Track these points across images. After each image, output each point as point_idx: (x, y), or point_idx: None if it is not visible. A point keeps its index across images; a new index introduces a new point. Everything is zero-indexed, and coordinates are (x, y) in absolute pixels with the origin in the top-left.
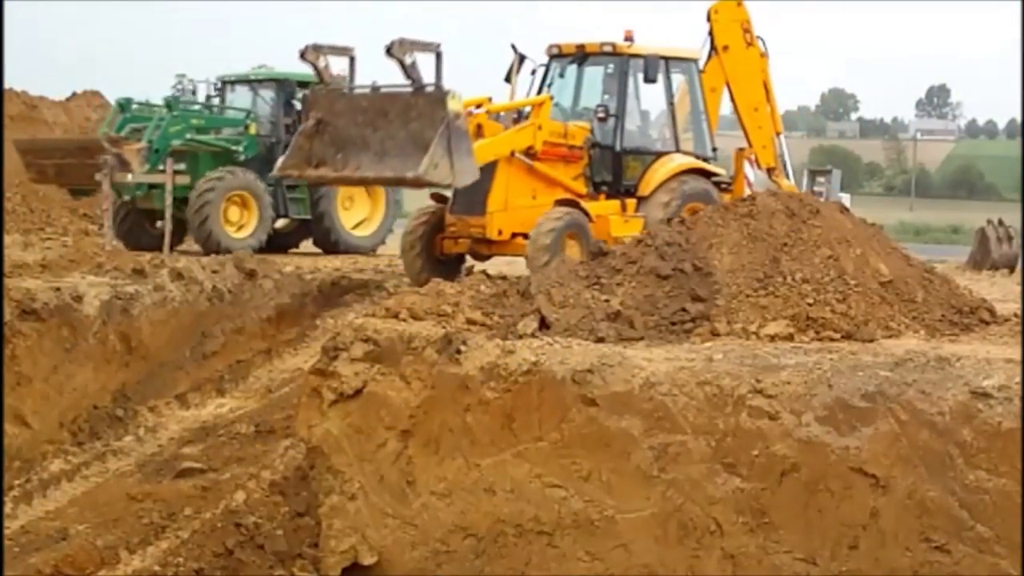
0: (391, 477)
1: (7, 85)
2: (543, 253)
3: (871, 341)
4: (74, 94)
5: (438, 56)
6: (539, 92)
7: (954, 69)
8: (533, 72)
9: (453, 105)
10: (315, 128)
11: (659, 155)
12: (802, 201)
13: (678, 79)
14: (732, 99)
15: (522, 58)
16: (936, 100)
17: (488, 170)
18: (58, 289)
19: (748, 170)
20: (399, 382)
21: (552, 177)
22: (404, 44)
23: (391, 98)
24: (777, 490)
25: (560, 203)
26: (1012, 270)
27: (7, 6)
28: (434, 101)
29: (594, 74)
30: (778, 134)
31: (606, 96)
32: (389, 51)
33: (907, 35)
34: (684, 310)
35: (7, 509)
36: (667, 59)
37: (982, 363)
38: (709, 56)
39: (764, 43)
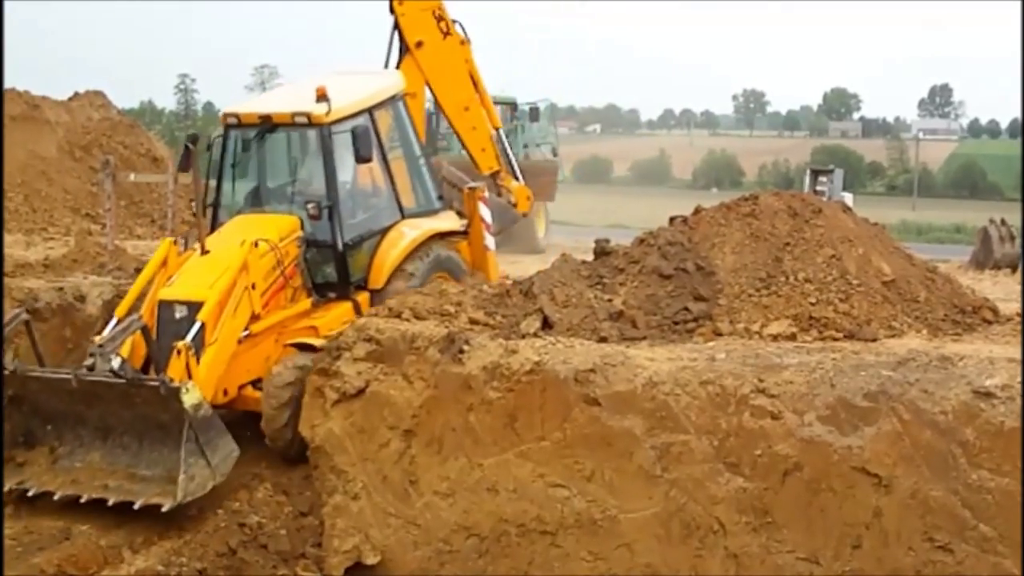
0: (394, 477)
1: (8, 85)
2: (281, 416)
3: (873, 340)
4: (76, 94)
5: (27, 325)
6: (219, 170)
7: (956, 68)
8: (209, 147)
9: (191, 399)
10: (10, 406)
11: (385, 231)
12: (804, 201)
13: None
14: (436, 101)
15: (194, 139)
16: (939, 99)
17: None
18: (61, 289)
19: (483, 211)
20: (402, 382)
21: (275, 321)
22: (104, 350)
23: (103, 385)
24: (780, 490)
25: (296, 347)
26: (1014, 269)
27: (7, 6)
28: (162, 396)
29: (287, 147)
30: (496, 130)
31: (309, 177)
32: (91, 369)
33: (909, 34)
34: (687, 309)
35: (9, 510)
36: (372, 111)
37: (985, 363)
38: (401, 56)
39: (463, 27)
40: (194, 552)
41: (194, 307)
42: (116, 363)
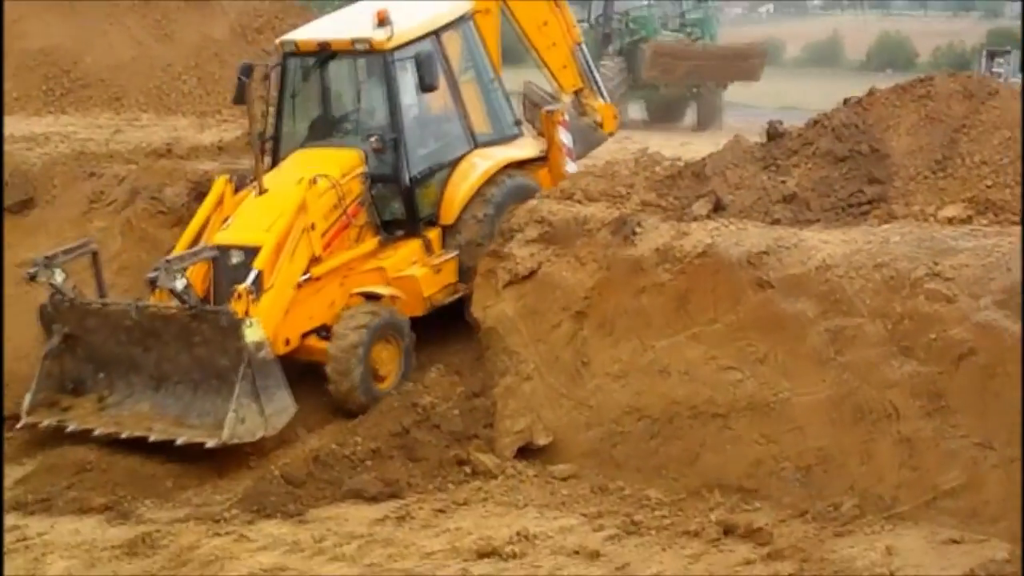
0: (565, 358)
1: None
2: (349, 373)
3: None
4: None
5: (94, 256)
6: (279, 102)
7: None
8: (266, 77)
9: (252, 335)
10: (63, 345)
11: (455, 163)
12: (980, 82)
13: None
14: (512, 19)
15: (249, 69)
16: None
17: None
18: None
19: (563, 135)
20: (573, 264)
21: (338, 264)
22: (171, 267)
23: (163, 318)
24: (954, 374)
25: (362, 296)
26: None
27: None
28: (224, 329)
29: (348, 76)
30: (577, 44)
31: (371, 107)
32: (154, 283)
33: None
34: (860, 192)
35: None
36: (439, 35)
37: None
38: None
39: None
40: (368, 431)
41: (250, 252)
42: (181, 284)
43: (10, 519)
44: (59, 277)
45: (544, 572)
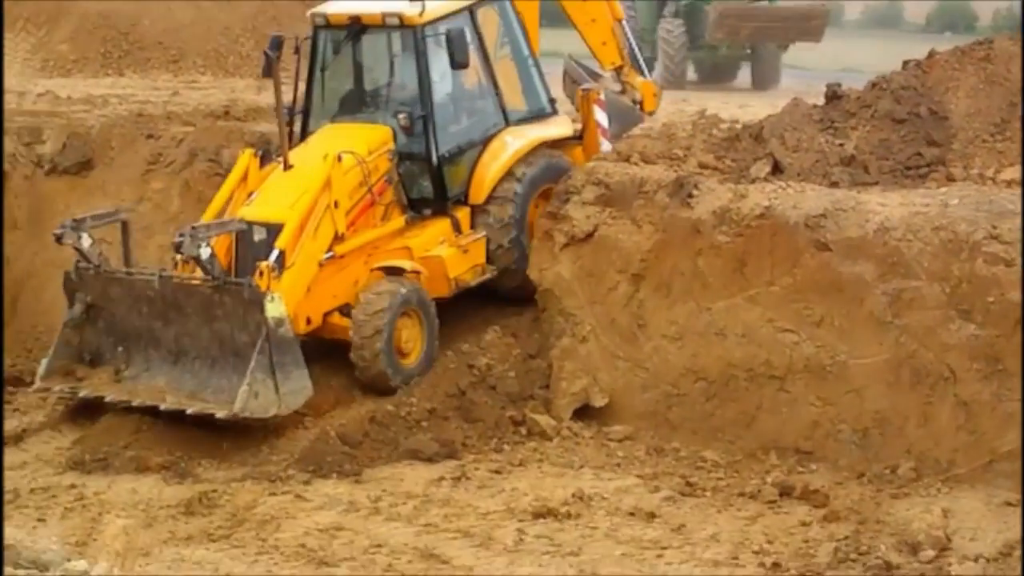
0: (622, 320)
1: None
2: (373, 339)
3: None
4: None
5: (124, 226)
6: (309, 75)
7: None
8: (297, 50)
9: (273, 310)
10: (84, 315)
11: (487, 141)
12: None
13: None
14: None
15: (278, 43)
16: None
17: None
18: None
19: (599, 114)
20: (630, 226)
21: (363, 242)
22: (197, 234)
23: (185, 290)
24: (1012, 337)
25: (384, 270)
26: None
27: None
28: (246, 302)
29: (379, 51)
30: (618, 21)
31: (401, 83)
32: (179, 249)
33: None
34: (919, 155)
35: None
36: (472, 10)
37: None
38: None
39: None
40: (424, 393)
41: (273, 229)
42: (205, 253)
43: (68, 478)
44: (86, 242)
45: (600, 533)
